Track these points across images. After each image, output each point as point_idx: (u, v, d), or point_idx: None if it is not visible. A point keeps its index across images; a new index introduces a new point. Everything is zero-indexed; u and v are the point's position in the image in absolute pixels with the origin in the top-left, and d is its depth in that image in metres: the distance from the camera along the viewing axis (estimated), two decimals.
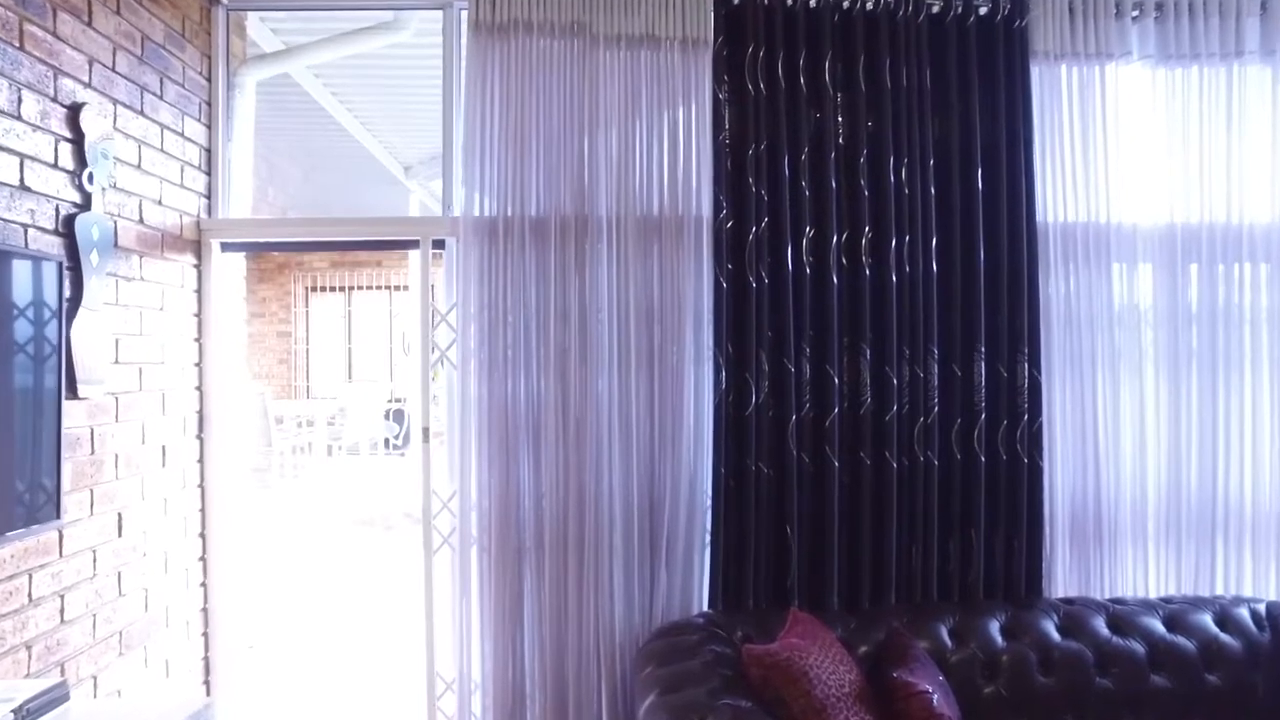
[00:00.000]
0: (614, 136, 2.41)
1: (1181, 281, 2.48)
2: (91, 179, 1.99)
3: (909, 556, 2.36)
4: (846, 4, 2.38)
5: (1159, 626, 2.20)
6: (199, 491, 2.54)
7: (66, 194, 1.94)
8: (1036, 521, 2.37)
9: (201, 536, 2.55)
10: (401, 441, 8.86)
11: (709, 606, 2.34)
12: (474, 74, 2.40)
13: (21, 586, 1.80)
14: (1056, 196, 2.46)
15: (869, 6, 2.37)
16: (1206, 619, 2.22)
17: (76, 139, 1.95)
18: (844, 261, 2.36)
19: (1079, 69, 2.48)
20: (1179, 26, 2.48)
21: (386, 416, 9.01)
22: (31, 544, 1.82)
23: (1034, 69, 2.44)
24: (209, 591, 2.57)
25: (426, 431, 2.56)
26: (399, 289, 9.99)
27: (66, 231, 1.92)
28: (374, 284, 10.12)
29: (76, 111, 1.94)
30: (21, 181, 1.80)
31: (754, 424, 2.30)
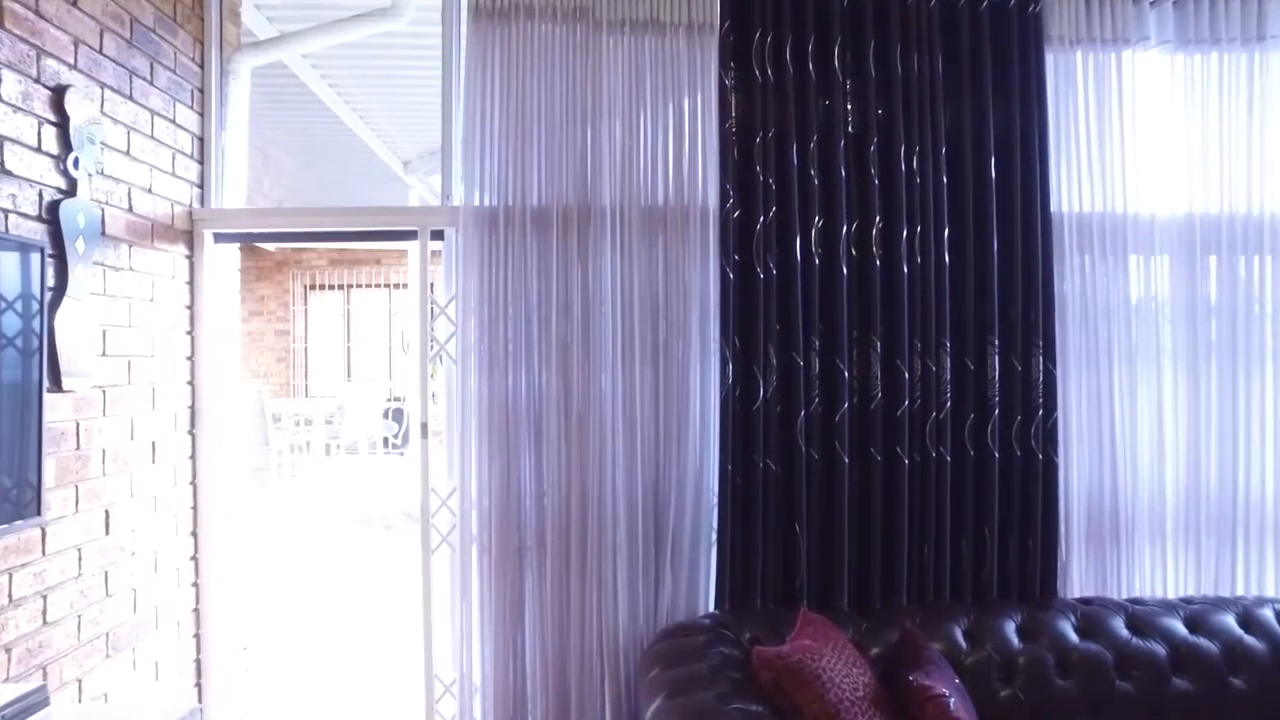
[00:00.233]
0: (618, 124, 2.36)
1: (1200, 273, 2.43)
2: (77, 164, 1.92)
3: (921, 555, 2.30)
4: None
5: (1180, 628, 2.14)
6: (191, 489, 2.48)
7: (50, 179, 1.87)
8: (1051, 519, 2.32)
9: (193, 535, 2.48)
10: (401, 441, 8.79)
11: (715, 607, 2.29)
12: (474, 60, 2.35)
13: (0, 586, 1.73)
14: (1071, 186, 2.41)
15: None
16: (1229, 620, 2.15)
17: (61, 122, 1.88)
18: (854, 252, 2.30)
19: (1095, 55, 2.42)
20: (1199, 10, 2.42)
21: (386, 415, 8.93)
22: (11, 542, 1.75)
23: (1048, 55, 2.38)
24: (201, 592, 2.51)
25: (425, 428, 2.49)
26: (398, 287, 9.92)
27: (50, 218, 1.85)
28: (373, 282, 10.05)
29: (61, 94, 1.88)
30: (1, 164, 1.73)
31: (761, 419, 2.25)
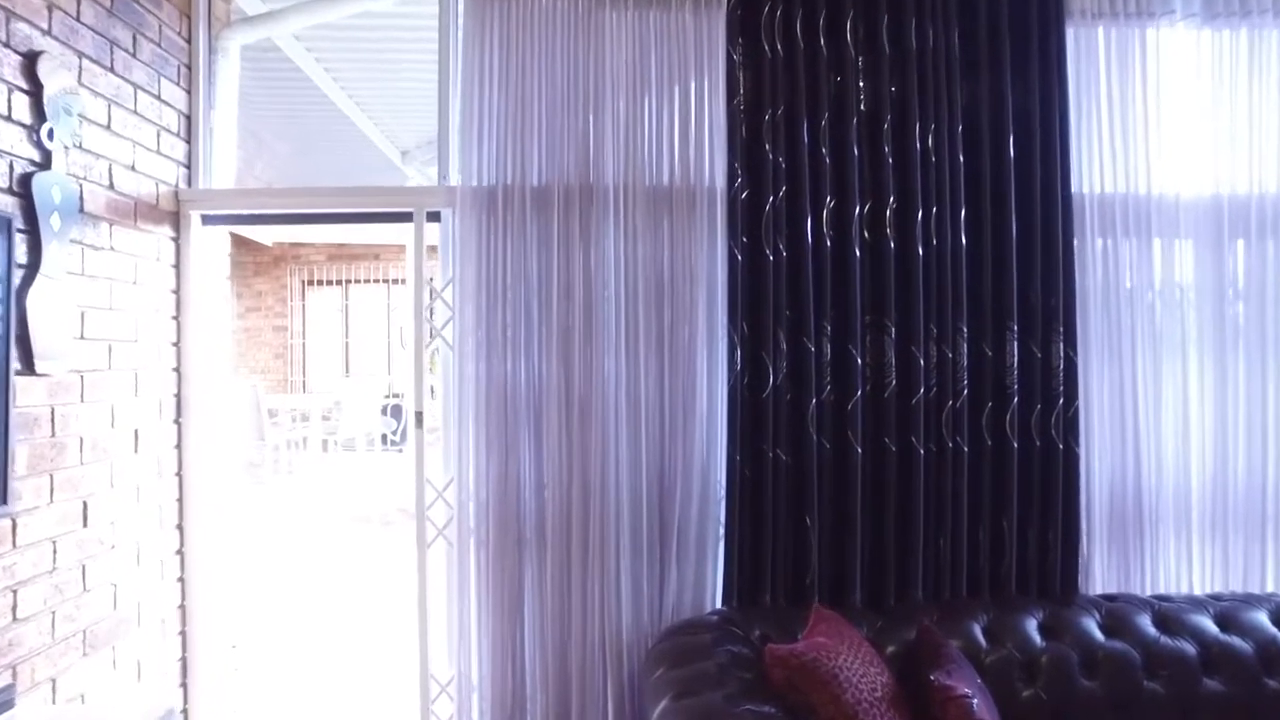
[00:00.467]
0: (621, 101, 2.28)
1: (1228, 256, 2.34)
2: (52, 135, 1.82)
3: (936, 549, 2.22)
4: None
5: (1210, 626, 2.04)
6: (176, 480, 2.38)
7: (22, 150, 1.77)
8: (1072, 512, 2.24)
9: (179, 528, 2.39)
10: (399, 438, 8.69)
11: (723, 603, 2.22)
12: (472, 33, 2.28)
13: None
14: (1093, 166, 2.33)
15: None
16: (1262, 618, 2.06)
17: (33, 90, 1.78)
18: (867, 234, 2.23)
19: (1117, 29, 2.35)
20: None
21: (384, 412, 8.83)
22: None
23: (1069, 30, 2.31)
24: (187, 587, 2.41)
25: (420, 417, 2.40)
26: (397, 282, 9.83)
27: (22, 191, 1.75)
28: (371, 277, 9.96)
29: (33, 60, 1.77)
30: None
31: (771, 407, 2.18)
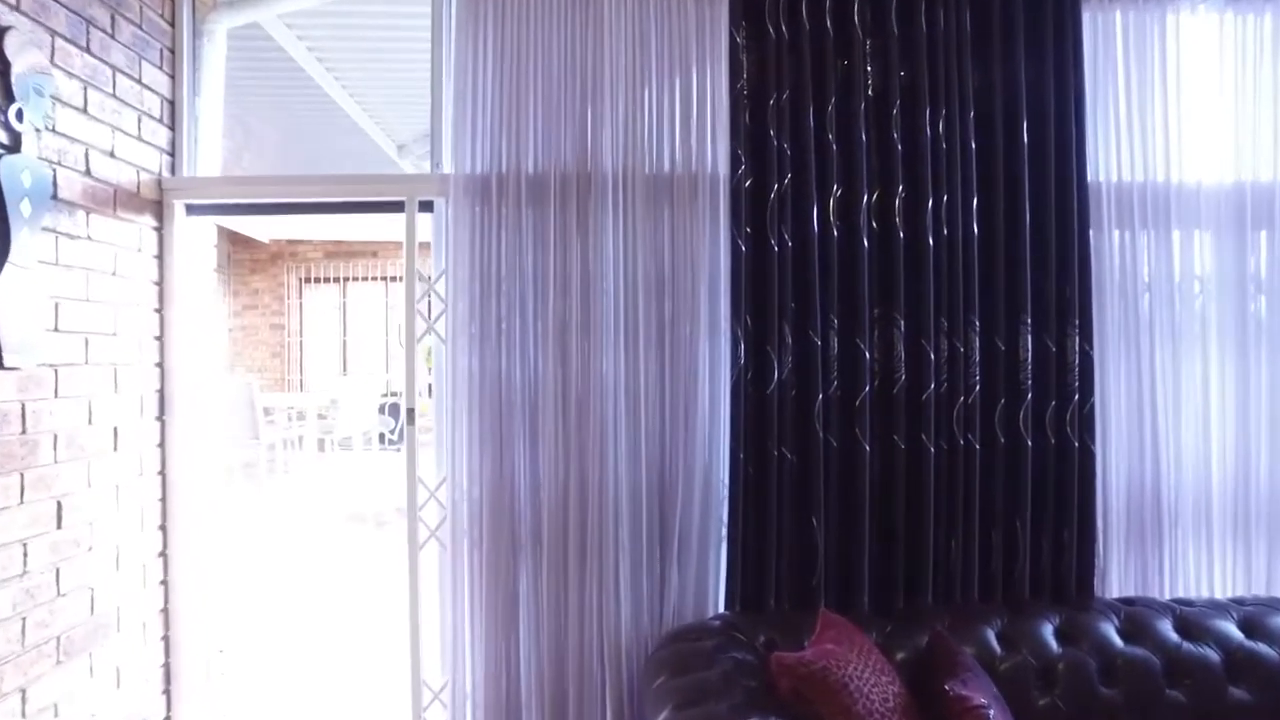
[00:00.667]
0: (620, 84, 2.21)
1: (1250, 247, 2.26)
2: (21, 116, 1.73)
3: (947, 551, 2.15)
4: None
5: (1235, 631, 1.96)
6: (159, 479, 2.29)
7: None
8: (1088, 513, 2.16)
9: (162, 529, 2.30)
10: (397, 437, 8.61)
11: (726, 608, 2.14)
12: (465, 15, 2.21)
13: None
14: (1110, 153, 2.26)
15: None
16: None
17: (0, 68, 1.69)
18: (875, 223, 2.15)
19: (1135, 13, 2.27)
20: None
21: (381, 411, 8.75)
22: None
23: (1085, 13, 2.23)
24: (170, 591, 2.33)
25: (412, 414, 2.31)
26: (395, 280, 9.73)
27: None
28: (369, 275, 9.86)
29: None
30: None
31: (776, 404, 2.11)
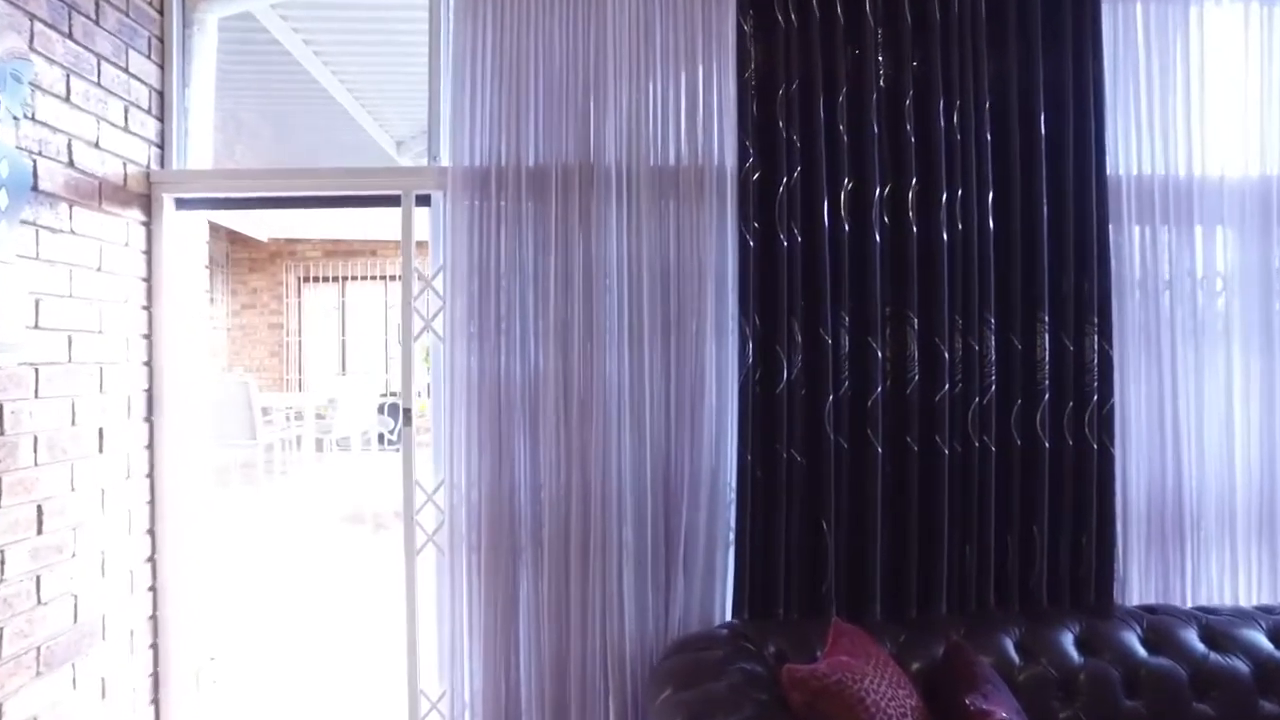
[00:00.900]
0: (623, 74, 2.13)
1: (1276, 242, 2.19)
2: None
3: (962, 557, 2.08)
4: None
5: (1264, 641, 1.89)
6: (148, 482, 2.22)
7: None
8: (1107, 517, 2.09)
9: (150, 533, 2.23)
10: (397, 437, 8.53)
11: (733, 615, 2.08)
12: (464, 1, 2.11)
13: None
14: (1130, 146, 2.20)
15: None
16: None
17: None
18: (887, 218, 2.09)
19: (1156, 3, 2.19)
20: None
21: (381, 411, 8.68)
22: None
23: (1105, 2, 2.15)
24: (159, 597, 2.25)
25: (409, 414, 2.24)
26: (394, 279, 9.66)
27: None
28: (368, 274, 9.80)
29: None
30: None
31: (785, 404, 2.04)
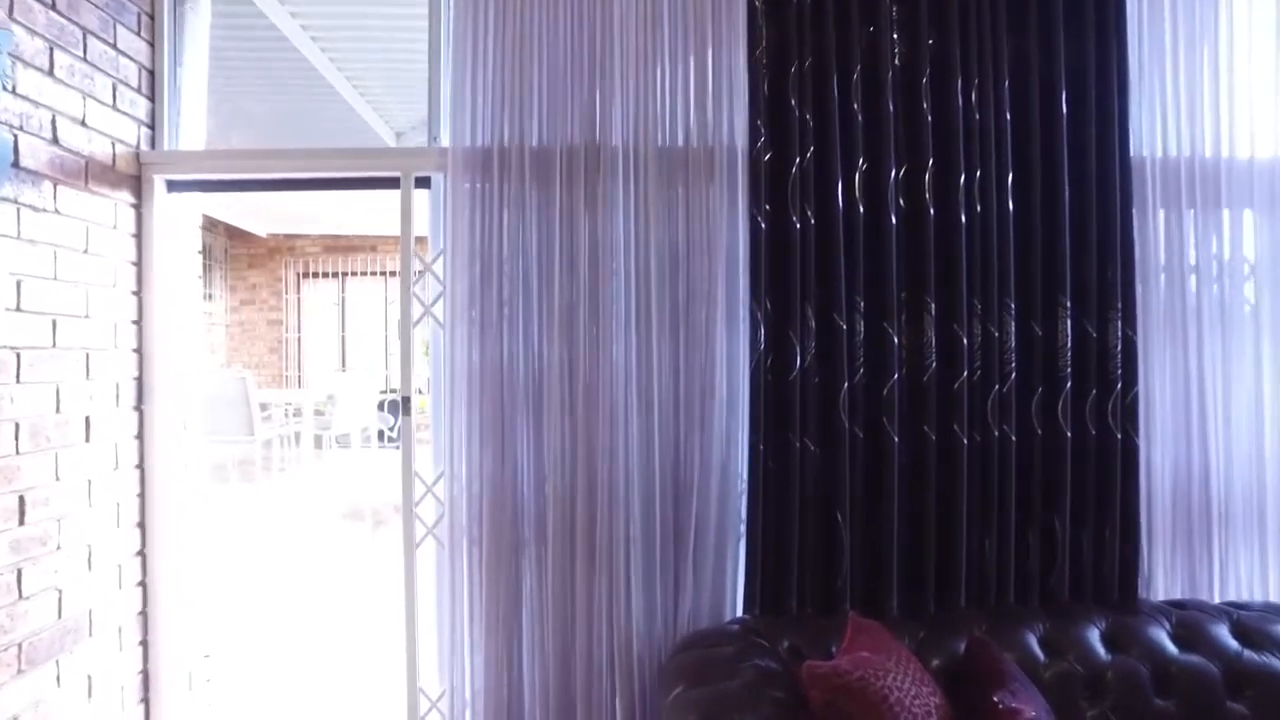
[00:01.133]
0: (631, 51, 2.07)
1: None
2: None
3: (981, 551, 2.02)
4: None
5: None
6: (137, 473, 2.15)
7: None
8: (1131, 509, 2.03)
9: (140, 526, 2.16)
10: (396, 434, 8.47)
11: (744, 611, 2.02)
12: None
13: None
14: (1154, 126, 2.12)
15: None
16: None
17: None
18: (903, 200, 2.03)
19: None
20: None
21: (380, 407, 8.61)
22: None
23: None
24: (149, 592, 2.18)
25: (407, 403, 2.17)
26: (393, 274, 9.59)
27: None
28: (368, 269, 9.73)
29: None
30: None
31: (798, 392, 1.98)
